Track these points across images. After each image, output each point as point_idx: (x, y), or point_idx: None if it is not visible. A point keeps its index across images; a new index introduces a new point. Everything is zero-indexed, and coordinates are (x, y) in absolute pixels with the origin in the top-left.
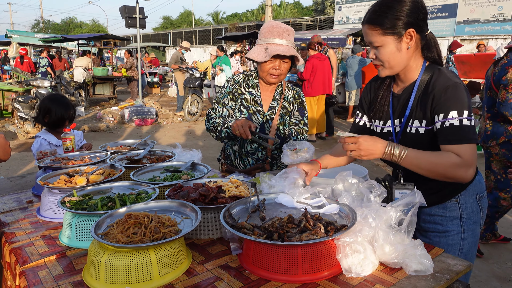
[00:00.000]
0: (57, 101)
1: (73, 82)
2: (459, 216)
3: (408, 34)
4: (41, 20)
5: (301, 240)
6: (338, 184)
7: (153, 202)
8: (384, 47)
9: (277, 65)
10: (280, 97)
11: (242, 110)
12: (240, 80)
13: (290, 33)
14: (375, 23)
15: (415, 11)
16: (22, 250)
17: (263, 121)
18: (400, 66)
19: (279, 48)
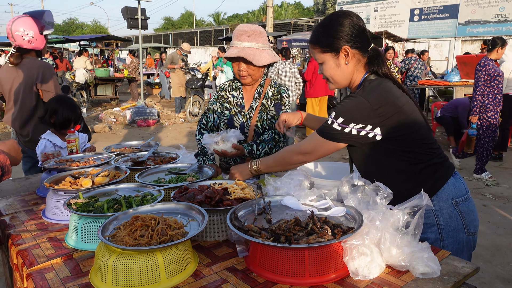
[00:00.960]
0: (64, 102)
1: (75, 83)
2: (436, 223)
3: (344, 50)
4: None
5: (309, 242)
6: (343, 186)
7: (159, 204)
8: (325, 64)
9: (242, 67)
10: (260, 96)
11: (224, 112)
12: (225, 86)
13: (250, 34)
14: (314, 43)
15: (349, 29)
16: (29, 252)
17: (243, 121)
18: (342, 80)
19: (230, 52)
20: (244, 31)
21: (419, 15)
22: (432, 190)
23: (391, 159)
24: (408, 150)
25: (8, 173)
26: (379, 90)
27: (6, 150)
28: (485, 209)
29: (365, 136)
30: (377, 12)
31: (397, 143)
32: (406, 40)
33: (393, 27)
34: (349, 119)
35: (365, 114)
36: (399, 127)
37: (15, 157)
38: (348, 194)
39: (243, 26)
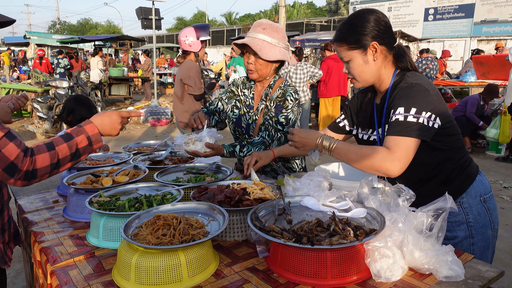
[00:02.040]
0: (82, 102)
1: (90, 82)
2: (466, 221)
3: (372, 46)
4: (57, 21)
5: (331, 244)
6: (363, 187)
7: (180, 203)
8: (353, 61)
9: (250, 59)
10: (266, 97)
11: (234, 110)
12: (238, 82)
13: (266, 27)
14: (341, 40)
15: (376, 25)
16: (52, 249)
17: (249, 122)
18: (370, 77)
19: (240, 40)
20: (261, 23)
21: (433, 14)
22: (462, 188)
23: (430, 157)
24: (449, 146)
25: (96, 142)
26: (425, 79)
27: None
28: (503, 212)
29: (432, 128)
30: (390, 11)
31: (443, 138)
32: (420, 40)
33: (407, 27)
34: (421, 108)
35: (429, 101)
36: (447, 118)
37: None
38: (369, 195)
39: (263, 20)
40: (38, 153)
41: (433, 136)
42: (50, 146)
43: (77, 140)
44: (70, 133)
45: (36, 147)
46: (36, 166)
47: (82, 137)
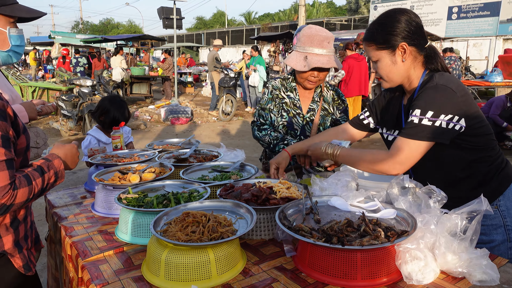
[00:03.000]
0: (116, 104)
1: (112, 81)
2: (503, 224)
3: (401, 47)
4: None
5: (362, 244)
6: (393, 188)
7: (208, 201)
8: (381, 61)
9: (315, 73)
10: (319, 99)
11: (282, 114)
12: (278, 85)
13: (330, 41)
14: (370, 40)
15: (407, 25)
16: (82, 244)
17: (303, 124)
18: (398, 78)
19: (319, 60)
20: (326, 37)
21: (457, 13)
22: (498, 190)
23: (460, 157)
24: (480, 146)
25: (61, 178)
26: (454, 79)
27: (62, 155)
28: None
29: (452, 129)
30: (413, 10)
31: (472, 138)
32: (443, 39)
33: (430, 26)
34: (439, 111)
35: (452, 103)
36: (476, 119)
37: (69, 164)
38: (398, 196)
39: (320, 32)
40: (20, 186)
41: (459, 136)
42: (29, 180)
43: (48, 175)
44: (42, 167)
45: (18, 179)
46: (14, 201)
47: (52, 172)
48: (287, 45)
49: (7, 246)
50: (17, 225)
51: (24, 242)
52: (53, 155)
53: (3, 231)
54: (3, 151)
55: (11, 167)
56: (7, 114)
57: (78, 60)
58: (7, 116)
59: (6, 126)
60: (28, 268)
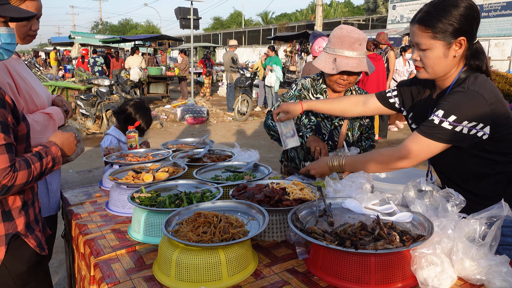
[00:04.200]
0: (141, 110)
1: (129, 81)
2: None
3: (458, 42)
4: (100, 22)
5: (376, 248)
6: (409, 191)
7: (220, 201)
8: (432, 51)
9: (344, 77)
10: None
11: (311, 117)
12: (308, 85)
13: (362, 43)
14: (426, 25)
15: (470, 19)
16: (95, 242)
17: (331, 128)
18: (442, 72)
19: (348, 63)
20: (357, 39)
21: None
22: None
23: (485, 161)
24: (506, 151)
25: (58, 163)
26: (488, 85)
27: (59, 143)
28: None
29: (474, 136)
30: None
31: (499, 144)
32: None
33: None
34: (463, 117)
35: (480, 111)
36: (504, 126)
37: (66, 151)
38: (415, 199)
39: (351, 32)
40: (20, 169)
41: (483, 142)
42: (28, 164)
43: (46, 160)
44: (40, 152)
45: (18, 163)
46: (15, 182)
47: (49, 158)
48: (303, 45)
49: (20, 228)
50: (27, 209)
51: (35, 224)
52: (50, 142)
53: (16, 213)
54: (2, 136)
55: (10, 151)
56: (6, 102)
57: (96, 60)
58: (6, 103)
59: (5, 113)
60: (42, 247)
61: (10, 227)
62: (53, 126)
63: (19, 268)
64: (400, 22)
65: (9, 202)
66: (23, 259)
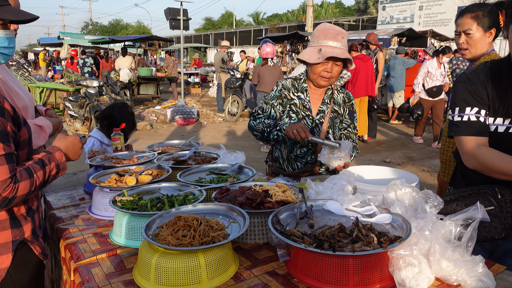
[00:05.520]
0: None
1: (119, 82)
2: None
3: None
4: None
5: (354, 250)
6: (390, 192)
7: (201, 204)
8: None
9: (329, 67)
10: (330, 101)
11: (291, 115)
12: (288, 85)
13: (344, 36)
14: None
15: None
16: (76, 246)
17: (312, 126)
18: None
19: (333, 51)
20: (340, 32)
21: None
22: None
23: None
24: None
25: (63, 170)
26: None
27: (63, 148)
28: None
29: None
30: (422, 10)
31: None
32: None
33: (439, 26)
34: None
35: None
36: None
37: (70, 156)
38: (395, 200)
39: (335, 27)
40: (21, 180)
41: None
42: (30, 173)
43: (50, 167)
44: (43, 160)
45: (19, 173)
46: (16, 194)
47: (53, 164)
48: (294, 46)
49: (27, 234)
50: (33, 214)
51: (39, 230)
52: (54, 148)
53: (23, 220)
54: (2, 146)
55: (10, 161)
56: (5, 110)
57: (85, 60)
58: (5, 111)
59: (4, 121)
60: (45, 255)
61: (17, 234)
62: (43, 139)
63: (23, 277)
64: (390, 22)
65: (16, 208)
66: (27, 267)
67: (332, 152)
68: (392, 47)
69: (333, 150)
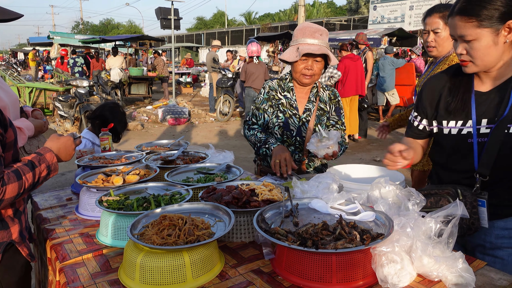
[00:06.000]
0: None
1: (110, 82)
2: None
3: (507, 26)
4: (80, 21)
5: (336, 248)
6: (374, 190)
7: (187, 204)
8: (479, 41)
9: (309, 64)
10: (315, 99)
11: (278, 115)
12: (275, 86)
13: (322, 33)
14: (469, 14)
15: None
16: (62, 247)
17: (299, 124)
18: (493, 62)
19: (310, 47)
20: (318, 29)
21: None
22: None
23: None
24: None
25: (54, 171)
26: None
27: (55, 149)
28: None
29: None
30: (412, 10)
31: None
32: None
33: None
34: None
35: None
36: None
37: (62, 157)
38: (379, 198)
39: (312, 25)
40: (9, 182)
41: None
42: (18, 175)
43: (40, 169)
44: (33, 161)
45: (7, 175)
46: (4, 197)
47: (44, 166)
48: (285, 45)
49: (15, 236)
50: (20, 216)
51: (25, 232)
52: (45, 149)
53: (10, 221)
54: None
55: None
56: None
57: (76, 60)
58: None
59: None
60: (32, 256)
61: (5, 236)
62: (22, 141)
63: (11, 279)
64: (381, 22)
65: (3, 210)
66: (15, 269)
67: (320, 141)
68: (382, 46)
69: (321, 139)
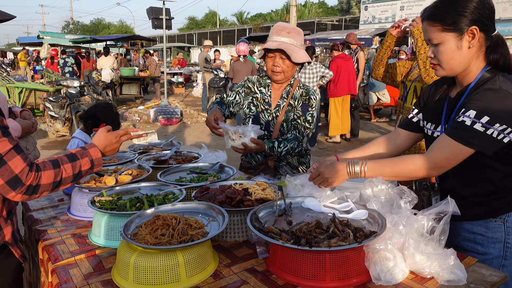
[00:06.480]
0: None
1: (101, 82)
2: (504, 240)
3: (471, 31)
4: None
5: (330, 246)
6: (366, 189)
7: (180, 203)
8: (444, 45)
9: (276, 61)
10: (288, 96)
11: (251, 108)
12: (253, 80)
13: (290, 31)
14: (435, 19)
15: (481, 7)
16: (54, 248)
17: (269, 119)
18: (459, 67)
19: (270, 44)
20: (285, 27)
21: None
22: None
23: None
24: None
25: (98, 166)
26: None
27: (101, 145)
28: None
29: (500, 141)
30: (403, 10)
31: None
32: None
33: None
34: (496, 119)
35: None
36: None
37: (107, 153)
38: (371, 197)
39: (283, 24)
40: (44, 169)
41: (503, 149)
42: (55, 164)
43: (81, 162)
44: (75, 154)
45: (42, 163)
46: (40, 182)
47: (86, 160)
48: None
49: (8, 237)
50: (12, 217)
51: (17, 233)
52: (91, 144)
53: (3, 222)
54: (7, 140)
55: (20, 151)
56: None
57: (66, 60)
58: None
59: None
60: (25, 257)
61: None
62: None
63: (4, 280)
64: (372, 22)
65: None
66: (8, 270)
67: (231, 138)
68: (373, 46)
69: (231, 135)
